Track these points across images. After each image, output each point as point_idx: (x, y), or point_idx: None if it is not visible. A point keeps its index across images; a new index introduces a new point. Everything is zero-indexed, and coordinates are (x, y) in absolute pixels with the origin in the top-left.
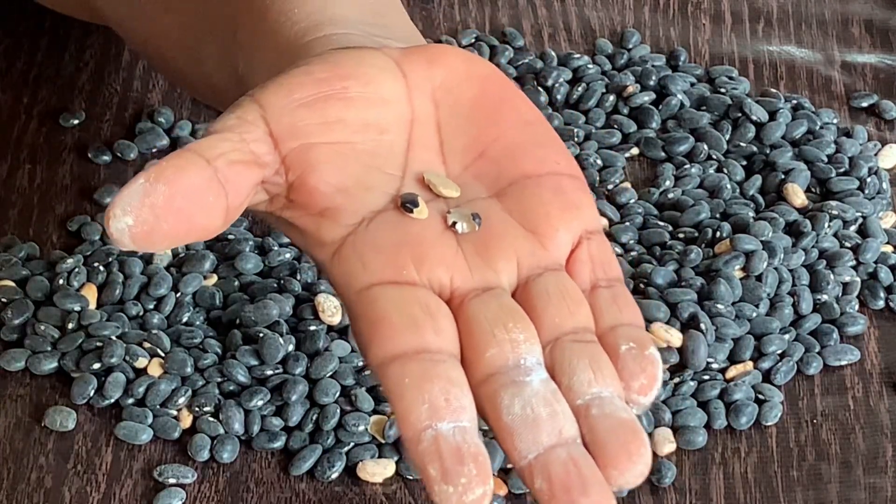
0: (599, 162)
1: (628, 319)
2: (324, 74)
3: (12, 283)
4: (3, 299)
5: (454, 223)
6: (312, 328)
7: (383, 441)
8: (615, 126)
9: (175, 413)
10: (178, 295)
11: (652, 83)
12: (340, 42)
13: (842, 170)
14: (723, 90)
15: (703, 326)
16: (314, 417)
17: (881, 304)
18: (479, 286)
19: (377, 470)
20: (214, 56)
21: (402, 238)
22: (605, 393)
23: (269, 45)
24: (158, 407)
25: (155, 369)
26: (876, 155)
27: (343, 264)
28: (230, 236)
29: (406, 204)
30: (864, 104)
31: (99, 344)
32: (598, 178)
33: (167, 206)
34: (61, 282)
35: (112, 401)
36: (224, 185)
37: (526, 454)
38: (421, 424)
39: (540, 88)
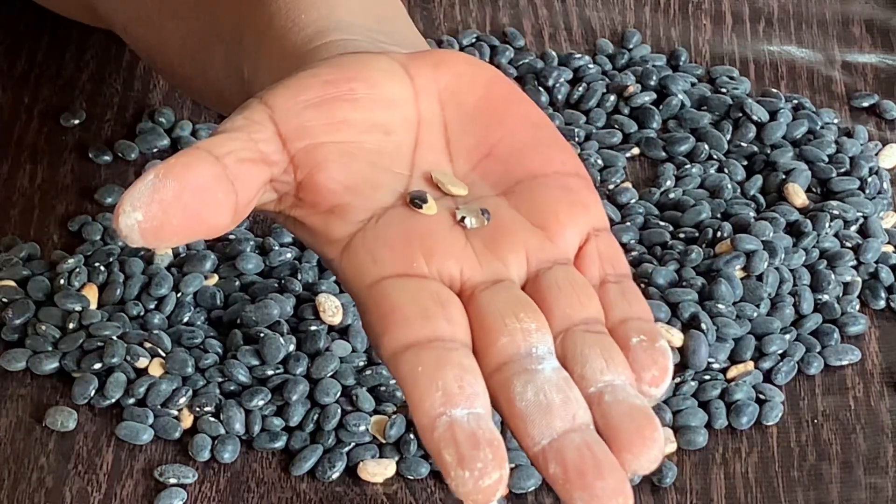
0: (600, 162)
1: (638, 313)
2: (330, 77)
3: (13, 283)
4: (4, 299)
5: (463, 218)
6: (313, 328)
7: (384, 441)
8: (616, 126)
9: (176, 413)
10: (179, 295)
11: (653, 83)
12: (346, 47)
13: (842, 170)
14: (723, 90)
15: (703, 326)
16: (315, 417)
17: (882, 304)
18: (488, 278)
19: (378, 470)
20: (220, 62)
21: (412, 233)
22: (617, 381)
23: (274, 52)
24: (159, 407)
25: (156, 369)
26: (877, 155)
27: (353, 260)
28: (231, 236)
29: (415, 200)
30: (865, 104)
31: (100, 344)
32: (598, 178)
33: (176, 202)
34: (62, 282)
35: (113, 401)
36: (233, 183)
37: (539, 440)
38: (435, 411)
39: (540, 88)
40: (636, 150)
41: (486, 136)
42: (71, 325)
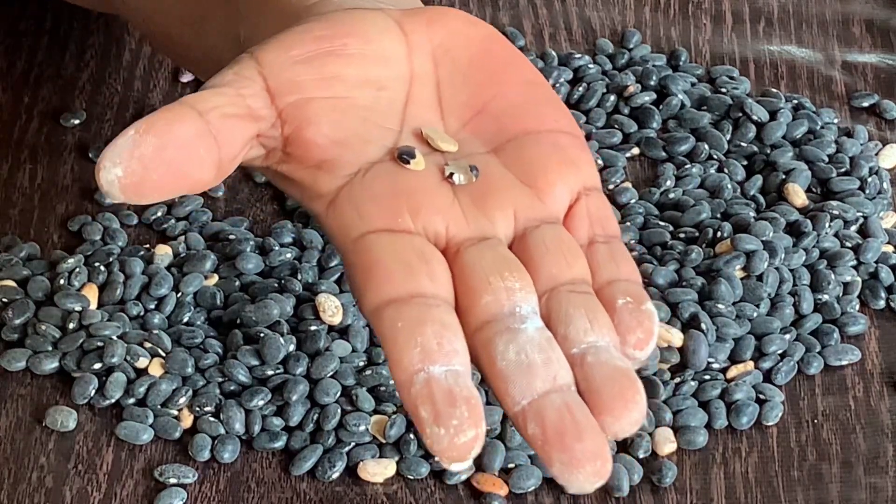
0: (600, 162)
1: (625, 275)
2: (323, 32)
3: (13, 283)
4: (4, 299)
5: (451, 174)
6: (313, 328)
7: (384, 441)
8: (616, 126)
9: (176, 413)
10: (179, 295)
11: (653, 83)
12: (342, 4)
13: (842, 170)
14: (723, 90)
15: (703, 326)
16: (315, 417)
17: (882, 304)
18: (474, 235)
19: (378, 470)
20: (217, 28)
21: (399, 188)
22: (601, 342)
23: (271, 13)
24: (159, 407)
25: (156, 369)
26: (877, 155)
27: (338, 214)
28: (231, 236)
29: (403, 156)
30: (865, 104)
31: (100, 344)
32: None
33: (156, 157)
34: (62, 282)
35: (113, 401)
36: (216, 138)
37: (519, 400)
38: (413, 367)
39: None
40: (636, 150)
41: (478, 94)
42: (71, 325)
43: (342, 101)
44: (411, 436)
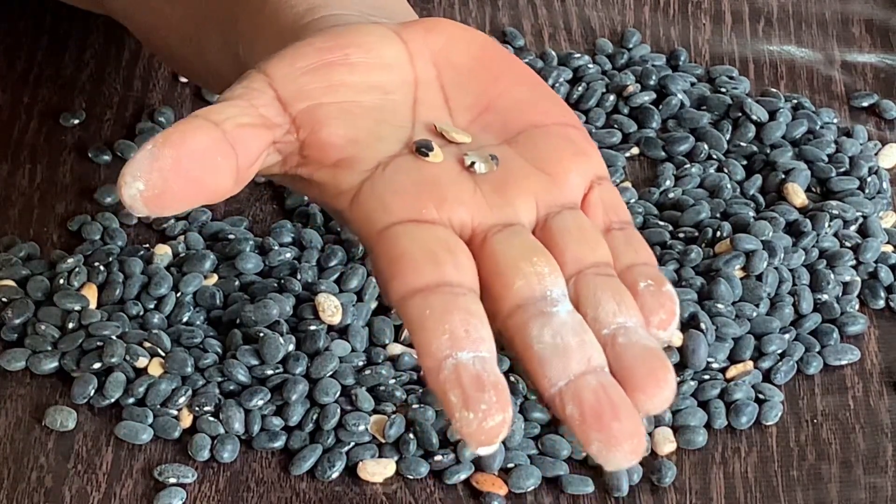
0: None
1: (643, 259)
2: (325, 44)
3: (13, 283)
4: (4, 299)
5: (473, 163)
6: (312, 328)
7: (383, 441)
8: (615, 126)
9: (175, 413)
10: (179, 295)
11: (652, 83)
12: (338, 21)
13: (842, 169)
14: (723, 90)
15: (703, 326)
16: (314, 417)
17: (881, 303)
18: (499, 223)
19: (377, 470)
20: (217, 45)
21: (421, 179)
22: (629, 323)
23: (269, 31)
24: (159, 406)
25: (155, 369)
26: (876, 154)
27: (363, 207)
28: (230, 236)
29: (421, 149)
30: (865, 104)
31: (99, 343)
32: None
33: (175, 169)
34: (62, 281)
35: (112, 400)
36: (233, 147)
37: (556, 382)
38: (442, 354)
39: None
40: (636, 150)
41: (483, 93)
42: (70, 325)
43: (352, 104)
44: (410, 436)
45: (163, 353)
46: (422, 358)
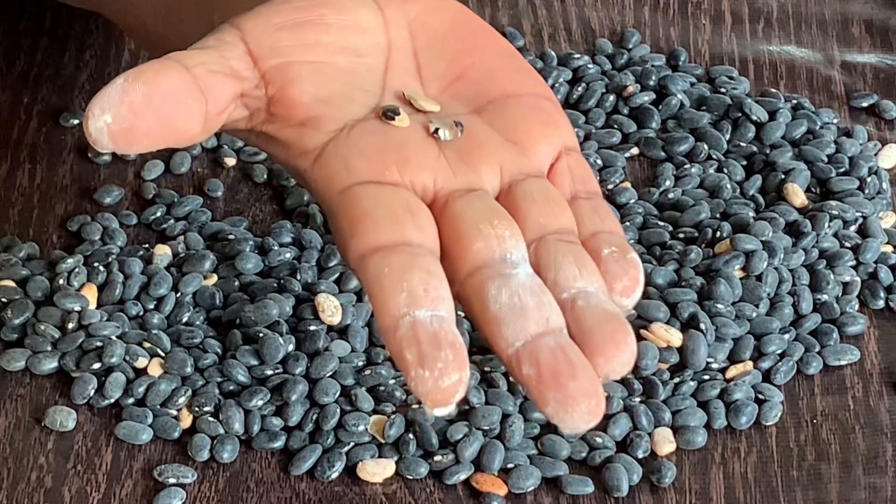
0: (599, 162)
1: (609, 228)
2: (301, 3)
3: (12, 283)
4: (4, 299)
5: (437, 130)
6: (312, 328)
7: (383, 441)
8: (615, 126)
9: (175, 413)
10: (179, 295)
11: (652, 83)
12: None
13: (842, 170)
14: (723, 90)
15: (703, 326)
16: (314, 417)
17: (881, 303)
18: (462, 188)
19: (377, 470)
20: (192, 15)
21: (386, 142)
22: (590, 288)
23: None
24: (158, 407)
25: (155, 369)
26: (876, 155)
27: (325, 167)
28: (230, 236)
29: (387, 112)
30: (864, 104)
31: (99, 344)
32: (598, 179)
33: (146, 105)
34: (61, 282)
35: (112, 401)
36: (203, 92)
37: (513, 342)
38: (399, 312)
39: None
40: (635, 150)
41: (456, 62)
42: (70, 325)
43: (323, 65)
44: (410, 436)
45: (162, 354)
46: (379, 316)
